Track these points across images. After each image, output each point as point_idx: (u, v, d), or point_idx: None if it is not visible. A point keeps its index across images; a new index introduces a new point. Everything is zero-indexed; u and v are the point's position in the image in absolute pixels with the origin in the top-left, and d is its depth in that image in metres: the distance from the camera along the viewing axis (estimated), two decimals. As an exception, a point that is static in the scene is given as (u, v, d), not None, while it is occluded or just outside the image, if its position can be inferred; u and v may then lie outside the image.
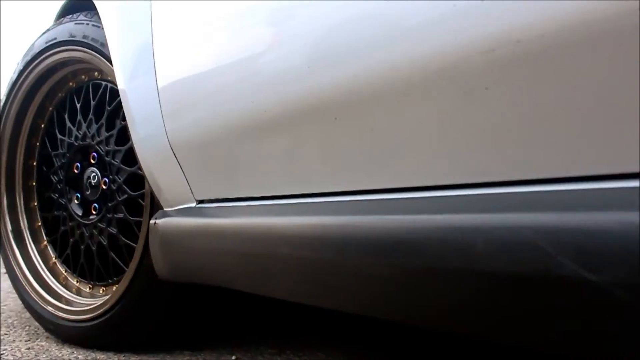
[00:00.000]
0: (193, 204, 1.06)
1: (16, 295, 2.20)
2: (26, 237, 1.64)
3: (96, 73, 1.50)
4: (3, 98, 1.62)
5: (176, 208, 1.10)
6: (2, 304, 2.02)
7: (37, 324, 1.68)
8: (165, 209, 1.13)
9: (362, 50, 0.66)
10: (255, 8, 0.84)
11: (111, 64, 1.32)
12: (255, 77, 0.81)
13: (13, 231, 1.63)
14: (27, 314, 1.84)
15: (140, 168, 1.31)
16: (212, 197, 1.04)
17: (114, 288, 1.44)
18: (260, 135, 0.83)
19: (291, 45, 0.75)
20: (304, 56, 0.72)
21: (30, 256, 1.63)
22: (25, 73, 1.56)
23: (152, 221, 1.13)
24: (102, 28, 1.35)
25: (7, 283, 2.52)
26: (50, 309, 1.49)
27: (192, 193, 1.06)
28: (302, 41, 0.73)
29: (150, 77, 1.06)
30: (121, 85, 1.15)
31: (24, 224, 1.66)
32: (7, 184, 1.66)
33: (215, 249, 0.95)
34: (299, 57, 0.73)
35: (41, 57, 1.52)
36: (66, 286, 1.58)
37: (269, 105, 0.78)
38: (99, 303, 1.38)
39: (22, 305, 1.98)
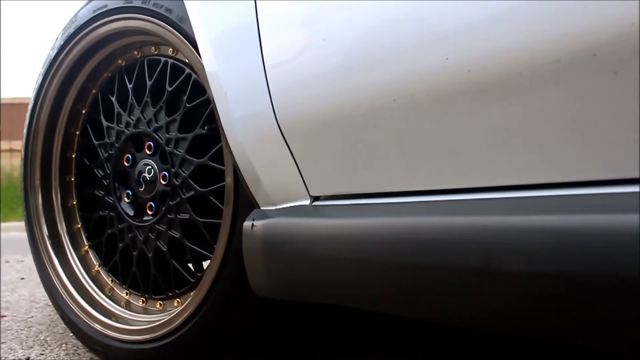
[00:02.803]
0: (306, 202, 0.84)
1: (41, 306, 1.98)
2: (64, 242, 1.41)
3: (153, 48, 1.27)
4: (39, 79, 1.39)
5: (281, 207, 0.87)
6: (27, 316, 1.79)
7: (75, 341, 1.46)
8: (262, 208, 0.91)
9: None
10: None
11: (180, 32, 1.09)
12: (459, 21, 0.58)
13: (50, 235, 1.40)
14: (59, 328, 1.61)
15: (215, 158, 1.08)
16: (334, 192, 0.81)
17: (175, 302, 1.22)
18: (451, 105, 0.60)
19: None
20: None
21: (70, 264, 1.40)
22: (67, 49, 1.33)
23: (247, 223, 0.90)
24: (168, -10, 1.12)
25: (27, 290, 2.29)
26: (98, 326, 1.26)
27: (305, 187, 0.83)
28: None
29: (254, 51, 0.84)
30: (210, 62, 0.93)
31: (61, 226, 1.43)
32: (43, 179, 1.42)
33: (355, 260, 0.72)
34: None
35: (87, 29, 1.28)
36: (112, 298, 1.35)
37: (481, 60, 0.56)
38: (162, 320, 1.15)
39: (52, 317, 1.76)
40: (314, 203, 0.83)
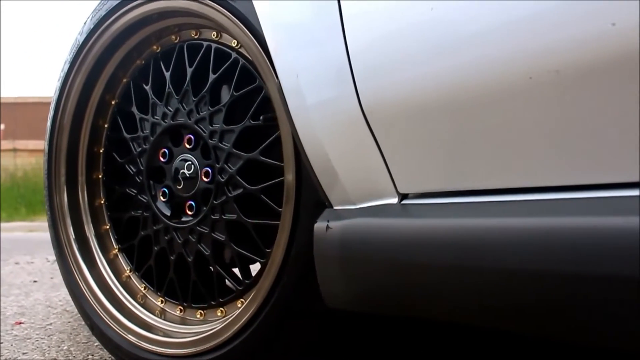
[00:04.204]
0: (394, 200, 0.72)
1: (59, 312, 1.86)
2: (92, 244, 1.30)
3: (193, 32, 1.15)
4: (65, 67, 1.28)
5: (362, 206, 0.76)
6: (46, 323, 1.67)
7: (102, 352, 1.34)
8: (336, 208, 0.79)
9: None
10: None
11: (231, 12, 0.98)
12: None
13: (76, 237, 1.28)
14: (82, 337, 1.50)
15: (265, 152, 0.97)
16: (426, 189, 0.70)
17: (219, 312, 1.11)
18: (617, 82, 0.49)
19: None
20: None
21: (98, 268, 1.28)
22: (97, 34, 1.21)
23: (319, 224, 0.78)
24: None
25: (42, 294, 2.17)
26: (131, 338, 1.15)
27: (393, 183, 0.72)
28: None
29: (333, 28, 0.73)
30: (278, 44, 0.84)
31: (88, 227, 1.31)
32: (68, 176, 1.31)
33: (466, 269, 0.61)
34: None
35: (120, 12, 1.17)
36: (146, 307, 1.23)
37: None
38: (209, 332, 1.03)
39: (72, 325, 1.64)
40: (403, 202, 0.72)
